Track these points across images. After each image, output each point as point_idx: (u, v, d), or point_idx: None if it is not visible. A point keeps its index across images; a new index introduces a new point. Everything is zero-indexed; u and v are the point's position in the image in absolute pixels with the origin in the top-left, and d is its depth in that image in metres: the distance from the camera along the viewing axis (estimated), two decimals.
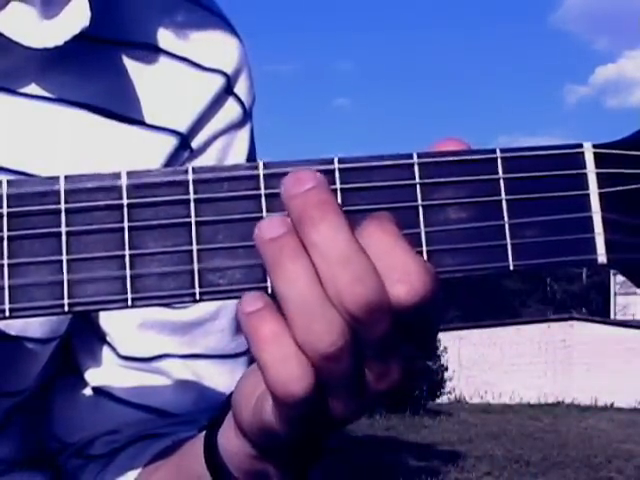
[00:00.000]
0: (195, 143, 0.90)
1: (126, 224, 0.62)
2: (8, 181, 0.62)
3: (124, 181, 0.62)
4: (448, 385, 17.47)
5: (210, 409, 0.83)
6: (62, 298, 0.61)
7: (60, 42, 0.80)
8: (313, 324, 0.58)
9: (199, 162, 0.90)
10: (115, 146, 0.86)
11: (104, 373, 0.91)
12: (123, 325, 0.90)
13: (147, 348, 0.90)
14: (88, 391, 0.91)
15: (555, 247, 0.62)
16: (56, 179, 0.62)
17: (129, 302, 0.61)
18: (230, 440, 0.70)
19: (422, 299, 0.58)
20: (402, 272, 0.58)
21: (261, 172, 0.62)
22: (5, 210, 0.62)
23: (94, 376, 0.91)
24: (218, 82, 0.91)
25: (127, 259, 0.61)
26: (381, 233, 0.59)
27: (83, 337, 0.91)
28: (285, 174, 0.61)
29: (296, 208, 0.59)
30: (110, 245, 0.62)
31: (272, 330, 0.58)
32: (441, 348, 16.89)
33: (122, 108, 0.87)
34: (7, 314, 0.62)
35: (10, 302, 0.61)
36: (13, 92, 0.83)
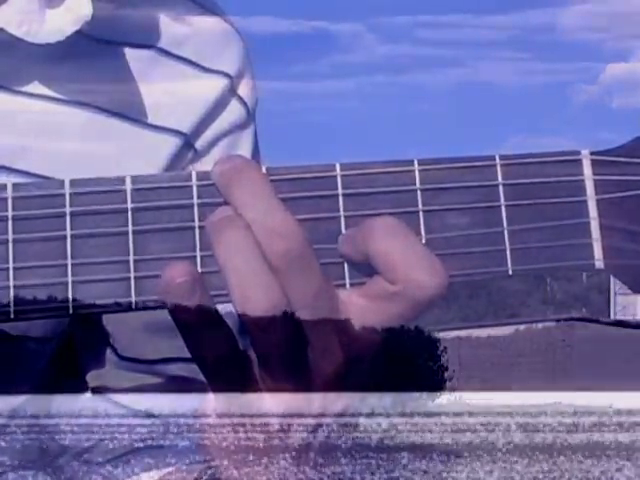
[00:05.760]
0: (199, 144, 0.90)
1: (130, 228, 0.63)
2: (13, 184, 0.63)
3: (129, 185, 0.63)
4: (448, 385, 17.48)
5: None
6: (66, 301, 0.62)
7: (62, 37, 0.80)
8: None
9: (203, 163, 0.89)
10: (118, 146, 0.86)
11: (104, 375, 0.90)
12: (127, 326, 0.89)
13: (151, 350, 0.89)
14: (86, 392, 0.90)
15: (553, 252, 0.63)
16: (61, 183, 0.63)
17: (133, 305, 0.62)
18: None
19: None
20: None
21: None
22: (10, 213, 0.63)
23: (93, 377, 0.90)
24: (221, 83, 0.91)
25: (131, 262, 0.62)
26: None
27: (85, 337, 0.90)
28: (289, 179, 0.62)
29: (225, 175, 0.62)
30: (114, 248, 0.62)
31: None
32: (441, 348, 16.91)
33: (125, 108, 0.87)
34: (12, 316, 0.62)
35: (15, 304, 0.62)
36: (15, 91, 0.83)
